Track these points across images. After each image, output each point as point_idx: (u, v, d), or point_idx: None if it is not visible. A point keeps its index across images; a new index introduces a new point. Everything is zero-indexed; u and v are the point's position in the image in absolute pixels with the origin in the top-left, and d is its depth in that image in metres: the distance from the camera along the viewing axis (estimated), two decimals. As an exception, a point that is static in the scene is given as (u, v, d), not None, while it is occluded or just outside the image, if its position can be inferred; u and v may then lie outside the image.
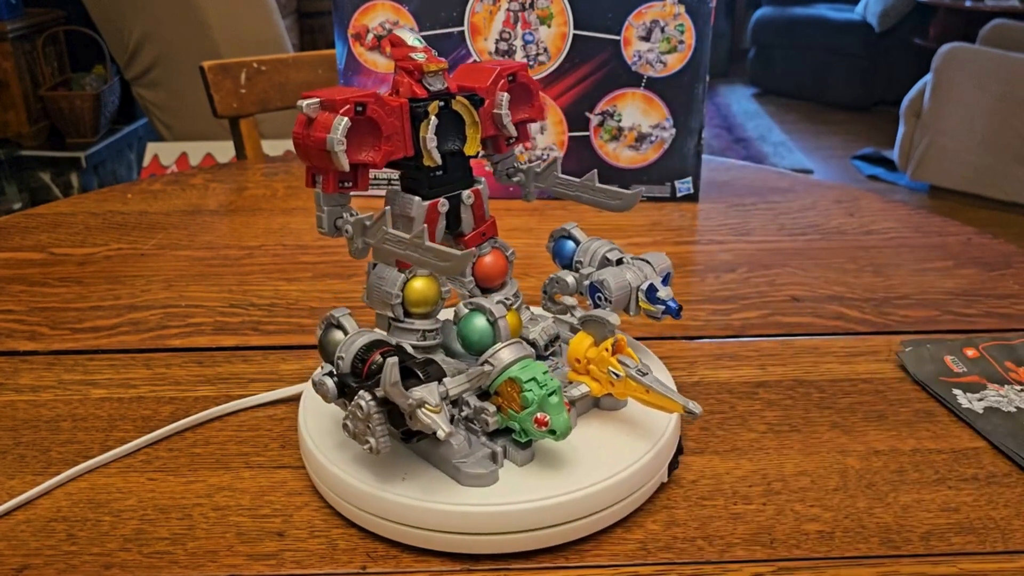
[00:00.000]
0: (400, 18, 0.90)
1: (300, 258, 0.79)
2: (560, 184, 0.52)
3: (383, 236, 0.42)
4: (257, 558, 0.42)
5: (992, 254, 0.80)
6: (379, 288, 0.46)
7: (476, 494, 0.42)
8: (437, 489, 0.42)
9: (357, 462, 0.44)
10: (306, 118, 0.42)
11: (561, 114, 0.93)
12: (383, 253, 0.44)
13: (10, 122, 2.54)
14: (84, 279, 0.75)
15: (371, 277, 0.47)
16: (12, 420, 0.54)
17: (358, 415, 0.40)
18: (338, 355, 0.43)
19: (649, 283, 0.50)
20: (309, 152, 0.43)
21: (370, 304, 0.47)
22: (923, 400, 0.56)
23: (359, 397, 0.40)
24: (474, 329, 0.46)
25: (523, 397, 0.41)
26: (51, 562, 0.42)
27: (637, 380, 0.44)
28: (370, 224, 0.44)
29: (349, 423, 0.41)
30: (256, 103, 1.23)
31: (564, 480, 0.43)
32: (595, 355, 0.46)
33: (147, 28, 2.35)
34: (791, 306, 0.70)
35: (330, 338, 0.45)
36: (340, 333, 0.45)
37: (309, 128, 0.42)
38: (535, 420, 0.41)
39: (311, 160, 0.43)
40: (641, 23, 0.89)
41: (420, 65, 0.45)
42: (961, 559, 0.42)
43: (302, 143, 0.43)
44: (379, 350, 0.42)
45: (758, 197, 0.96)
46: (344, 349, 0.43)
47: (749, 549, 0.43)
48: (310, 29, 3.39)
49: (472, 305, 0.46)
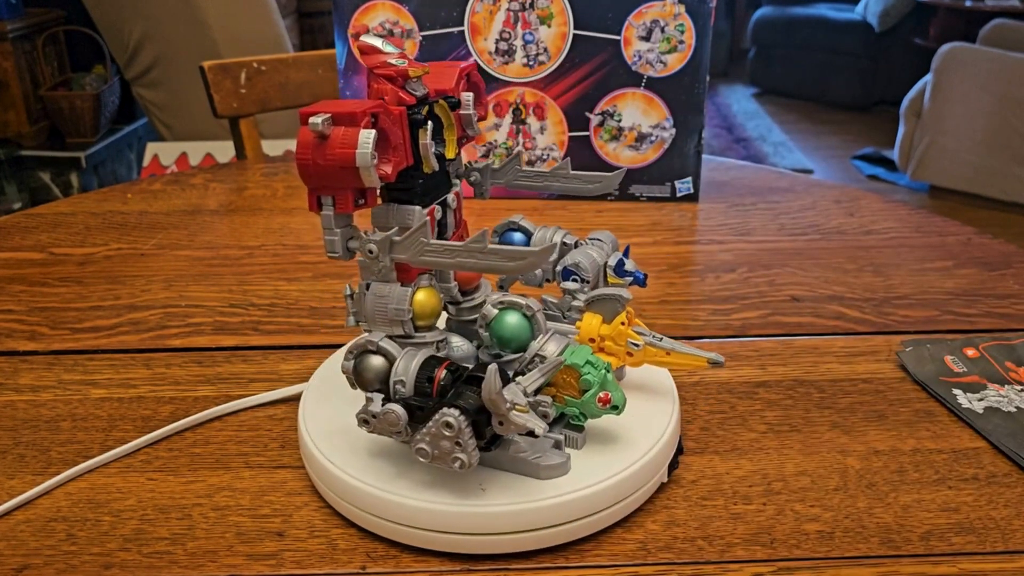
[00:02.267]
0: (400, 18, 0.90)
1: (300, 258, 0.79)
2: (525, 177, 0.51)
3: (421, 248, 0.41)
4: (257, 558, 0.42)
5: (992, 254, 0.80)
6: (383, 307, 0.44)
7: (476, 494, 0.42)
8: (437, 489, 0.42)
9: (357, 462, 0.44)
10: (316, 136, 0.40)
11: (561, 114, 0.93)
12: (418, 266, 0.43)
13: (10, 122, 2.54)
14: (84, 279, 0.75)
15: (368, 298, 0.44)
16: (12, 420, 0.54)
17: (444, 434, 0.39)
18: (396, 380, 0.41)
19: (618, 258, 0.51)
20: (322, 172, 0.40)
21: (369, 326, 0.45)
22: (923, 400, 0.56)
23: (445, 415, 0.39)
24: (511, 326, 0.45)
25: (584, 381, 0.42)
26: (51, 562, 0.42)
27: (657, 346, 0.47)
28: (400, 239, 0.42)
29: (426, 446, 0.40)
30: (256, 103, 1.23)
31: (564, 480, 0.43)
32: (610, 331, 0.47)
33: (147, 28, 2.35)
34: (791, 306, 0.70)
35: (367, 365, 0.42)
36: (377, 359, 0.42)
37: (323, 147, 0.40)
38: (599, 400, 0.42)
39: (324, 180, 0.41)
40: (641, 23, 0.89)
41: (404, 71, 0.43)
42: (961, 559, 0.42)
43: (312, 163, 0.40)
44: (441, 366, 0.41)
45: (758, 197, 0.96)
46: (402, 373, 0.41)
47: (749, 549, 0.43)
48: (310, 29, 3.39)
49: (503, 304, 0.45)
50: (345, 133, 0.40)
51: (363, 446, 0.46)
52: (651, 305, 0.69)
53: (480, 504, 0.41)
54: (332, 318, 0.68)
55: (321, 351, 0.62)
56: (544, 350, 0.43)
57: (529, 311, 0.45)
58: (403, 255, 0.43)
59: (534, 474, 0.43)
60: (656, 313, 0.68)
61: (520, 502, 0.41)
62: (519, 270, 0.39)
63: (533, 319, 0.45)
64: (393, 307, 0.44)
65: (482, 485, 0.42)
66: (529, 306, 0.45)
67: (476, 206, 0.93)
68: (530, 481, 0.43)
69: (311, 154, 0.40)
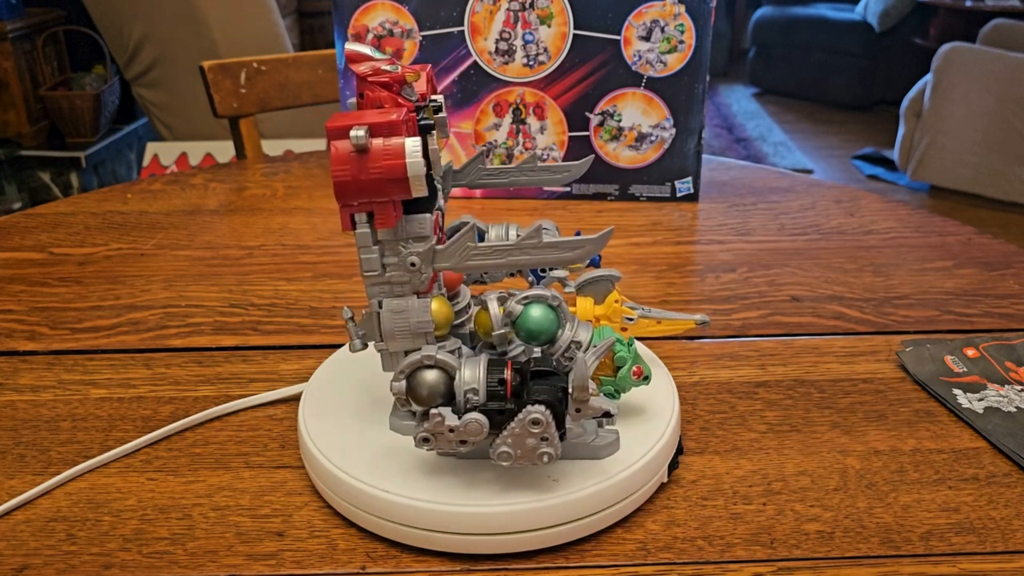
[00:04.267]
0: (400, 18, 0.90)
1: (300, 258, 0.79)
2: (489, 175, 0.51)
3: (467, 253, 0.40)
4: (257, 558, 0.42)
5: (992, 254, 0.80)
6: (403, 322, 0.42)
7: (476, 495, 0.42)
8: (437, 489, 0.42)
9: (357, 462, 0.44)
10: (354, 150, 0.38)
11: (561, 114, 0.93)
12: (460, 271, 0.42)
13: (10, 122, 2.54)
14: (84, 279, 0.75)
15: (383, 316, 0.42)
16: (12, 420, 0.54)
17: (531, 431, 0.39)
18: (467, 389, 0.40)
19: None
20: (364, 187, 0.38)
21: (387, 346, 0.43)
22: (923, 400, 0.56)
23: (531, 413, 0.39)
24: (538, 320, 0.44)
25: (619, 359, 0.45)
26: (51, 562, 0.42)
27: (648, 317, 0.51)
28: (444, 247, 0.41)
29: (508, 448, 0.40)
30: (256, 103, 1.23)
31: (564, 480, 0.43)
32: (605, 310, 0.50)
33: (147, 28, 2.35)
34: (791, 306, 0.70)
35: (421, 381, 0.41)
36: (431, 373, 0.41)
37: (364, 160, 0.38)
38: (633, 374, 0.45)
39: (364, 196, 0.39)
40: (641, 23, 0.89)
41: (401, 76, 0.41)
42: (961, 559, 0.42)
43: (352, 179, 0.38)
44: (506, 368, 0.41)
45: (758, 197, 0.96)
46: (471, 381, 0.40)
47: (749, 549, 0.43)
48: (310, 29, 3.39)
49: (528, 299, 0.44)
50: (387, 143, 0.38)
51: (363, 446, 0.46)
52: (651, 305, 0.69)
53: (480, 504, 0.41)
54: (332, 318, 0.68)
55: (321, 351, 0.62)
56: (578, 336, 0.44)
57: (555, 301, 0.44)
58: (447, 263, 0.42)
59: (594, 455, 0.44)
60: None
61: (520, 502, 0.41)
62: (579, 258, 0.39)
63: (559, 309, 0.44)
64: (415, 320, 0.42)
65: (553, 476, 0.43)
66: (555, 296, 0.44)
67: (474, 206, 0.93)
68: (530, 481, 0.43)
69: (351, 169, 0.38)
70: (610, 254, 0.80)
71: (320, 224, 0.87)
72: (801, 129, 4.17)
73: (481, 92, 0.92)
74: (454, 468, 0.44)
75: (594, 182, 0.95)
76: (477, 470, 0.44)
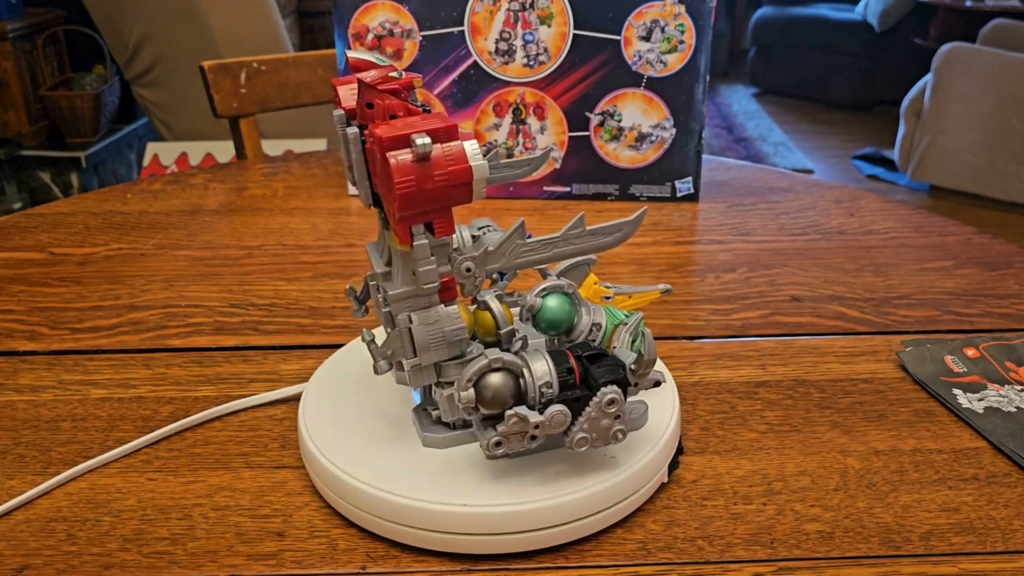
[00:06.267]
0: (400, 18, 0.90)
1: (300, 258, 0.79)
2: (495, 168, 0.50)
3: (517, 251, 0.40)
4: (257, 558, 0.42)
5: (992, 254, 0.80)
6: (437, 332, 0.41)
7: (476, 494, 0.42)
8: (437, 489, 0.42)
9: (357, 462, 0.44)
10: (415, 159, 0.37)
11: (561, 114, 0.93)
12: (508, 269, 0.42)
13: (10, 122, 2.54)
14: (84, 279, 0.75)
15: (416, 330, 0.41)
16: (12, 420, 0.54)
17: (607, 412, 0.40)
18: (541, 384, 0.40)
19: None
20: (428, 196, 0.37)
21: (420, 360, 0.42)
22: (923, 400, 0.56)
23: (607, 394, 0.40)
24: (558, 309, 0.45)
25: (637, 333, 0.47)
26: (51, 562, 0.42)
27: (621, 292, 0.53)
28: (495, 248, 0.41)
29: (585, 433, 0.40)
30: (256, 103, 1.23)
31: (564, 480, 0.43)
32: (586, 292, 0.52)
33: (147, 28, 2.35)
34: (791, 306, 0.70)
35: (488, 384, 0.40)
36: (495, 376, 0.40)
37: (428, 168, 0.37)
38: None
39: (428, 204, 0.38)
40: (641, 23, 0.89)
41: (408, 82, 0.40)
42: (961, 559, 0.42)
43: (418, 189, 0.37)
44: (568, 356, 0.41)
45: (758, 197, 0.96)
46: (544, 375, 0.40)
47: (749, 549, 0.43)
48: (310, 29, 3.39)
49: (545, 291, 0.45)
50: (447, 149, 0.37)
51: (363, 446, 0.46)
52: (652, 305, 0.69)
53: (480, 504, 0.41)
54: (332, 318, 0.68)
55: (321, 351, 0.62)
56: (597, 318, 0.45)
57: (570, 289, 0.45)
58: (497, 263, 0.41)
59: (633, 426, 0.46)
60: (657, 313, 0.68)
61: (520, 502, 0.41)
62: (617, 242, 0.40)
63: (575, 295, 0.45)
64: (449, 329, 0.42)
65: (610, 454, 0.44)
66: (570, 284, 0.45)
67: (467, 208, 0.93)
68: (531, 482, 0.43)
69: (416, 179, 0.37)
70: (610, 254, 0.80)
71: (320, 224, 0.87)
72: (801, 129, 4.17)
73: (481, 92, 0.92)
74: (454, 468, 0.44)
75: (594, 182, 0.95)
76: (477, 470, 0.44)
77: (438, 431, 0.46)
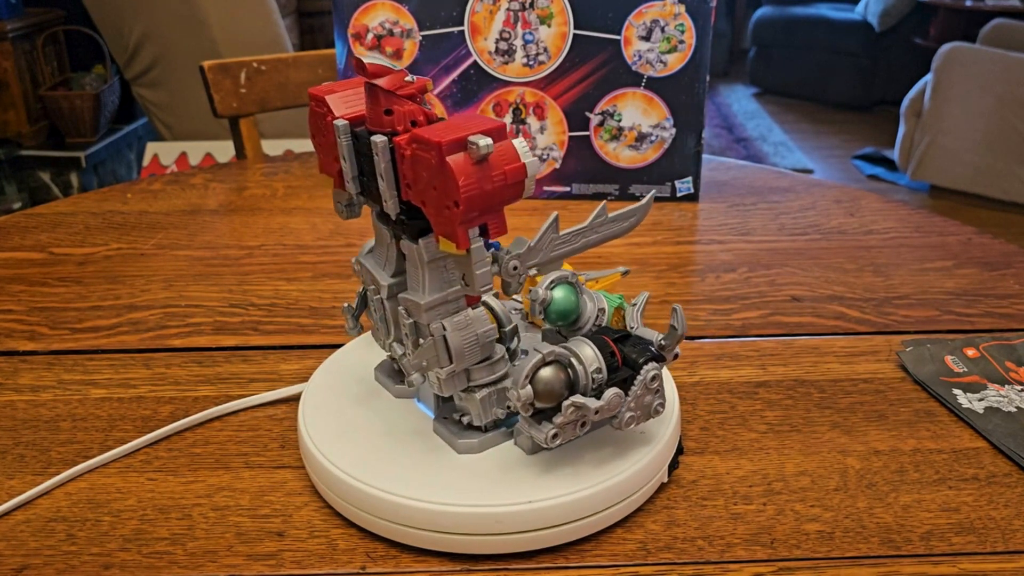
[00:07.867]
0: (400, 18, 0.90)
1: (300, 258, 0.79)
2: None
3: (552, 245, 0.41)
4: (257, 558, 0.42)
5: (992, 254, 0.80)
6: (470, 336, 0.41)
7: (476, 494, 0.42)
8: (437, 489, 0.42)
9: (357, 462, 0.44)
10: (475, 161, 0.37)
11: (561, 114, 0.93)
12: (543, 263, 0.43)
13: (10, 122, 2.54)
14: (84, 279, 0.75)
15: (451, 336, 0.41)
16: (12, 420, 0.54)
17: (650, 387, 0.42)
18: (592, 370, 0.41)
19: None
20: (492, 196, 0.37)
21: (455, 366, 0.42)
22: (923, 400, 0.56)
23: (650, 370, 0.41)
24: (565, 300, 0.45)
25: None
26: (51, 562, 0.42)
27: (590, 278, 0.55)
28: (534, 244, 0.41)
29: (632, 412, 0.42)
30: (256, 103, 1.23)
31: (564, 480, 0.43)
32: None
33: (147, 28, 2.35)
34: (791, 306, 0.70)
35: (541, 379, 0.41)
36: (547, 370, 0.41)
37: (486, 169, 0.37)
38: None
39: (488, 203, 0.37)
40: (641, 23, 0.89)
41: (423, 85, 0.40)
42: (961, 559, 0.42)
43: (480, 190, 0.37)
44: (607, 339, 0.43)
45: (758, 197, 0.96)
46: (593, 360, 0.41)
47: (749, 549, 0.43)
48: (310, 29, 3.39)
49: (553, 283, 0.44)
50: (500, 148, 0.37)
51: (363, 446, 0.46)
52: (652, 305, 0.69)
53: (480, 504, 0.41)
54: (332, 318, 0.68)
55: (321, 351, 0.62)
56: (601, 303, 0.46)
57: (573, 278, 0.45)
58: (536, 259, 0.42)
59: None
60: (657, 313, 0.68)
61: (520, 502, 0.41)
62: (632, 227, 0.42)
63: (577, 284, 0.45)
64: (481, 330, 0.42)
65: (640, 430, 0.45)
66: (572, 273, 0.45)
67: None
68: (531, 482, 0.43)
69: (477, 181, 0.37)
70: (610, 254, 0.80)
71: (320, 224, 0.87)
72: (801, 129, 4.17)
73: (481, 92, 0.92)
74: (454, 468, 0.44)
75: (594, 182, 0.95)
76: (477, 470, 0.44)
77: (471, 436, 0.45)
